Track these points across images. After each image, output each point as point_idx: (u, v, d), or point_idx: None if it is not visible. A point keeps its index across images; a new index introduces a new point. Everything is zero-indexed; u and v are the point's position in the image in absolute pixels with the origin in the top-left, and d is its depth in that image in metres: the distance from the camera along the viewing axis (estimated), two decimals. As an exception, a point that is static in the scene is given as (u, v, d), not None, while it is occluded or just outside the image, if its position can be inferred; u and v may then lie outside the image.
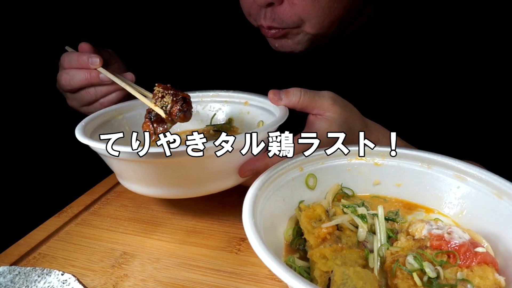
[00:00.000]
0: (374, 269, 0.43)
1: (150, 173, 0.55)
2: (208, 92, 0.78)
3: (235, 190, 0.71)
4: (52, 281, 0.44)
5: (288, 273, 0.33)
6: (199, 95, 0.78)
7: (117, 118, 0.72)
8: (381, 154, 0.55)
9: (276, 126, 0.57)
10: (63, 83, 0.73)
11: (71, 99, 0.78)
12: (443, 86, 0.77)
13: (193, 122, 0.77)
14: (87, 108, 0.77)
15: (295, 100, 0.61)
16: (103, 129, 0.68)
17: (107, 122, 0.70)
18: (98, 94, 0.73)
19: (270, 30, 0.74)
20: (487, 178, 0.48)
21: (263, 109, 0.71)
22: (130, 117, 0.74)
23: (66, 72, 0.73)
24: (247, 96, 0.74)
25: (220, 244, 0.57)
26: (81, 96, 0.74)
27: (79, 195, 0.72)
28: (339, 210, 0.50)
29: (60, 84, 0.75)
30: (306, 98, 0.61)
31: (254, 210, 0.43)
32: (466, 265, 0.41)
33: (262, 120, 0.71)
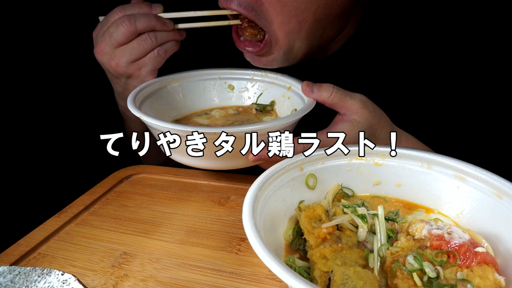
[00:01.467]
0: (374, 269, 0.43)
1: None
2: (259, 71, 0.83)
3: (235, 190, 0.71)
4: (52, 281, 0.44)
5: (288, 273, 0.33)
6: (251, 73, 0.85)
7: (173, 85, 0.79)
8: (381, 154, 0.55)
9: (295, 119, 0.61)
10: (125, 25, 0.70)
11: (121, 54, 0.73)
12: (442, 86, 0.77)
13: (241, 98, 0.85)
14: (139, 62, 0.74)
15: (325, 96, 0.61)
16: (157, 94, 0.75)
17: (163, 88, 0.77)
18: (159, 40, 0.73)
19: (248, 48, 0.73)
20: (487, 178, 0.48)
21: (301, 98, 0.74)
22: (187, 86, 0.81)
23: (127, 16, 0.70)
24: (291, 82, 0.79)
25: (220, 244, 0.57)
26: (137, 44, 0.72)
27: (79, 195, 0.72)
28: (339, 210, 0.50)
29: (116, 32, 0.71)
30: (337, 95, 0.61)
31: (254, 210, 0.43)
32: (466, 265, 0.41)
33: (296, 109, 0.74)
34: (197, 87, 0.83)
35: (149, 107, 0.73)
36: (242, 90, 0.85)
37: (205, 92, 0.84)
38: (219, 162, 0.64)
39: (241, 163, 0.65)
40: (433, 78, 0.77)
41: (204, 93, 0.84)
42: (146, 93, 0.73)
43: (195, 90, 0.83)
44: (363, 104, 0.61)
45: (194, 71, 0.83)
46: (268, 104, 0.83)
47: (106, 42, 0.73)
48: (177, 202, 0.69)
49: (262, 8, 0.67)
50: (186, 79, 0.82)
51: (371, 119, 0.62)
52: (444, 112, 0.77)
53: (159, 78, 0.77)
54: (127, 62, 0.73)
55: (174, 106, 0.79)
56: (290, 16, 0.66)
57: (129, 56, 0.73)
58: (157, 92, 0.76)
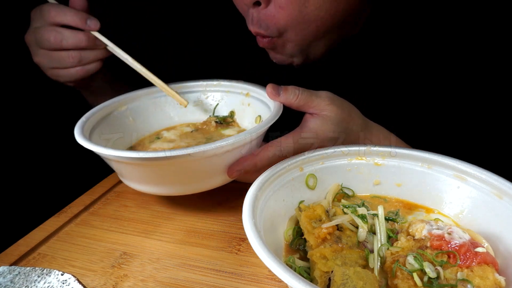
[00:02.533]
0: (374, 269, 0.43)
1: (146, 173, 0.57)
2: (212, 81, 0.79)
3: (235, 190, 0.71)
4: (52, 281, 0.44)
5: (288, 273, 0.33)
6: (203, 84, 0.79)
7: (121, 110, 0.72)
8: (381, 154, 0.55)
9: (266, 127, 0.58)
10: (51, 41, 0.66)
11: (43, 56, 0.70)
12: (443, 86, 0.77)
13: (196, 112, 0.79)
14: (57, 72, 0.71)
15: (292, 98, 0.61)
16: (106, 121, 0.68)
17: (110, 114, 0.70)
18: (82, 61, 0.69)
19: (262, 39, 0.72)
20: (487, 178, 0.48)
21: (263, 103, 0.71)
22: (133, 108, 0.74)
23: (56, 30, 0.66)
24: (248, 87, 0.75)
25: (220, 244, 0.57)
26: (60, 57, 0.68)
27: (79, 195, 0.72)
28: (339, 210, 0.50)
29: (42, 40, 0.67)
30: (303, 96, 0.61)
31: (254, 210, 0.43)
32: (466, 265, 0.41)
33: (260, 115, 0.71)
34: (147, 107, 0.75)
35: (98, 138, 0.65)
36: (197, 104, 0.79)
37: (157, 112, 0.77)
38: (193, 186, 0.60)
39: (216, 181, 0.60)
40: (433, 78, 0.77)
41: (156, 113, 0.77)
42: (94, 121, 0.65)
43: (146, 111, 0.75)
44: (330, 100, 0.61)
45: (141, 90, 0.75)
46: (228, 115, 0.77)
47: (32, 38, 0.70)
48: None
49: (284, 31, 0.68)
50: (134, 100, 0.74)
51: (341, 113, 0.61)
52: (444, 112, 0.77)
53: (103, 104, 0.69)
54: (47, 66, 0.72)
55: (125, 132, 0.72)
56: (309, 23, 0.67)
57: (49, 63, 0.71)
58: (105, 120, 0.68)
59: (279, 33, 0.69)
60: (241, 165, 0.57)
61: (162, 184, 0.59)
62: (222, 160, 0.56)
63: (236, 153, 0.56)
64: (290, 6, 0.65)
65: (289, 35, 0.69)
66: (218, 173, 0.58)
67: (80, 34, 0.67)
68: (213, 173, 0.58)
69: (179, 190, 0.60)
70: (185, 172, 0.56)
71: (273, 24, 0.68)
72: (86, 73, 0.71)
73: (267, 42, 0.72)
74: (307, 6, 0.65)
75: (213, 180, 0.60)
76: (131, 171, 0.58)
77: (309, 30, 0.68)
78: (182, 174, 0.57)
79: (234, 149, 0.55)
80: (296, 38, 0.70)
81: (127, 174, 0.60)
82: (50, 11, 0.66)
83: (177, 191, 0.61)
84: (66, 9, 0.67)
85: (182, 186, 0.59)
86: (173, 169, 0.55)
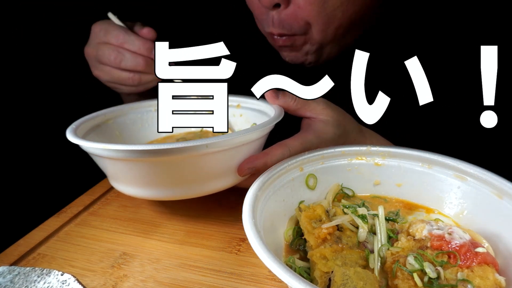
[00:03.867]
0: (375, 269, 0.43)
1: (146, 173, 0.53)
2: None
3: (235, 190, 0.71)
4: (51, 281, 0.44)
5: (288, 274, 0.33)
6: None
7: (107, 123, 0.71)
8: (381, 154, 0.55)
9: (273, 123, 0.57)
10: (111, 60, 0.69)
11: (104, 72, 0.73)
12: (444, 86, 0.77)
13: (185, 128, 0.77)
14: (116, 86, 0.75)
15: (290, 101, 0.62)
16: (94, 133, 0.67)
17: (97, 126, 0.69)
18: (142, 82, 0.72)
19: (280, 37, 0.72)
20: (487, 178, 0.48)
21: (257, 111, 0.71)
22: (120, 122, 0.73)
23: (118, 51, 0.69)
24: (238, 99, 0.74)
25: (220, 245, 0.57)
26: (119, 76, 0.72)
27: (79, 195, 0.72)
28: (340, 210, 0.50)
29: (102, 57, 0.70)
30: (300, 100, 0.62)
31: (254, 210, 0.43)
32: (467, 266, 0.41)
33: (255, 123, 0.71)
34: (134, 121, 0.74)
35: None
36: None
37: (144, 127, 0.75)
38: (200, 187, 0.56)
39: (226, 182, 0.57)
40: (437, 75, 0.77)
41: (143, 128, 0.75)
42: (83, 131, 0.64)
43: (133, 125, 0.74)
44: (326, 104, 0.62)
45: (127, 105, 0.74)
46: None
47: (93, 52, 0.73)
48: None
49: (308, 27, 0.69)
50: (120, 115, 0.73)
51: (337, 116, 0.63)
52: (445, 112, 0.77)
53: (93, 115, 0.68)
54: (106, 80, 0.75)
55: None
56: (328, 24, 0.68)
57: (108, 78, 0.74)
58: (94, 130, 0.67)
59: (304, 31, 0.70)
60: (252, 163, 0.56)
61: (167, 186, 0.55)
62: (234, 155, 0.55)
63: (249, 148, 0.55)
64: (309, 7, 0.66)
65: (312, 32, 0.70)
66: (228, 173, 0.56)
67: (139, 58, 0.69)
68: (223, 172, 0.56)
69: (184, 192, 0.57)
70: (193, 170, 0.53)
71: (296, 22, 0.69)
72: (144, 89, 0.75)
73: (287, 40, 0.72)
74: (326, 7, 0.66)
75: (222, 181, 0.57)
76: (130, 171, 0.54)
77: (331, 28, 0.69)
78: (190, 173, 0.53)
79: (249, 142, 0.54)
80: (318, 36, 0.71)
81: (124, 176, 0.56)
82: (119, 36, 0.69)
83: (181, 194, 0.57)
84: (134, 37, 0.70)
85: (188, 187, 0.56)
86: (182, 166, 0.52)
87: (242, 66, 0.92)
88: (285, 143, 0.58)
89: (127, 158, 0.51)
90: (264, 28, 0.74)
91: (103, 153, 0.52)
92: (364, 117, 0.49)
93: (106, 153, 0.51)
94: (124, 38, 0.69)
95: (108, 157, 0.53)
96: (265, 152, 0.56)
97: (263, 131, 0.56)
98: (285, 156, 0.56)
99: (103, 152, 0.51)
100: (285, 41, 0.73)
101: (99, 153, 0.53)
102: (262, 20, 0.74)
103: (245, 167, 0.56)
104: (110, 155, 0.52)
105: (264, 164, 0.55)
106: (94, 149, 0.52)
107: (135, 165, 0.53)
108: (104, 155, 0.52)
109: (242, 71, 0.91)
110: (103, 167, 0.59)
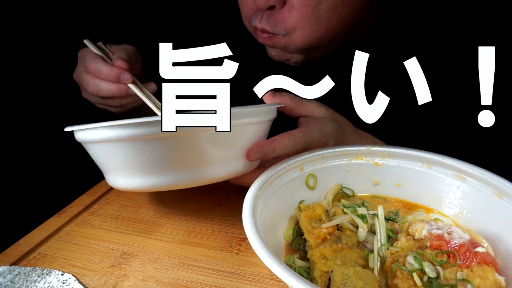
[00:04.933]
0: (374, 269, 0.43)
1: (142, 155, 0.50)
2: None
3: (235, 190, 0.71)
4: (52, 281, 0.44)
5: (288, 273, 0.33)
6: None
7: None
8: (381, 154, 0.55)
9: (277, 106, 0.59)
10: (89, 91, 0.73)
11: (89, 96, 0.78)
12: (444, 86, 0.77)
13: None
14: (104, 107, 0.78)
15: (286, 99, 0.63)
16: None
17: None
18: (123, 104, 0.75)
19: (262, 34, 0.73)
20: (487, 178, 0.48)
21: None
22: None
23: (93, 83, 0.73)
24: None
25: (220, 244, 0.57)
26: (104, 102, 0.76)
27: (79, 195, 0.72)
28: (339, 210, 0.50)
29: (83, 85, 0.75)
30: (296, 99, 0.63)
31: (254, 210, 0.43)
32: (466, 265, 0.41)
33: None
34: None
35: None
36: None
37: None
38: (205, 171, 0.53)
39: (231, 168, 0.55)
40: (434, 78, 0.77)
41: None
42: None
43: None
44: (319, 104, 0.64)
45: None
46: None
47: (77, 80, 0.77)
48: (177, 202, 0.69)
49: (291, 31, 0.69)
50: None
51: (332, 114, 0.64)
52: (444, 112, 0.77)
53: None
54: (93, 102, 0.78)
55: None
56: (320, 26, 0.68)
57: (94, 101, 0.78)
58: None
59: (285, 33, 0.70)
60: (261, 147, 0.55)
61: (169, 169, 0.51)
62: (240, 136, 0.53)
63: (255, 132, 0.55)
64: (303, 8, 0.66)
65: (295, 36, 0.70)
66: (234, 157, 0.54)
67: (114, 86, 0.72)
68: (228, 156, 0.53)
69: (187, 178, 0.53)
70: (198, 150, 0.50)
71: (281, 23, 0.69)
72: (131, 108, 0.77)
73: (267, 38, 0.72)
74: (320, 9, 0.66)
75: (227, 166, 0.54)
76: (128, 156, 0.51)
77: (318, 34, 0.69)
78: (194, 153, 0.50)
79: (256, 123, 0.55)
80: (300, 41, 0.71)
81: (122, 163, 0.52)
82: (91, 65, 0.72)
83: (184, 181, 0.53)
84: (102, 66, 0.72)
85: (192, 171, 0.52)
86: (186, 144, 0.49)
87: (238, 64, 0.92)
88: (291, 132, 0.58)
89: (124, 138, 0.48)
90: (251, 22, 0.74)
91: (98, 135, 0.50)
92: (364, 116, 0.49)
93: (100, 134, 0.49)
94: (94, 67, 0.72)
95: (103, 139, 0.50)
96: (273, 139, 0.56)
97: (269, 110, 0.57)
98: (291, 146, 0.56)
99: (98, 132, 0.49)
100: (265, 39, 0.73)
101: (94, 137, 0.51)
102: (249, 15, 0.74)
103: (254, 151, 0.55)
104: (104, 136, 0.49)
105: (273, 149, 0.55)
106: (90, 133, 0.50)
107: (134, 144, 0.49)
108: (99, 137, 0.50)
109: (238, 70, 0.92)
110: (99, 159, 0.56)
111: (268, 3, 0.67)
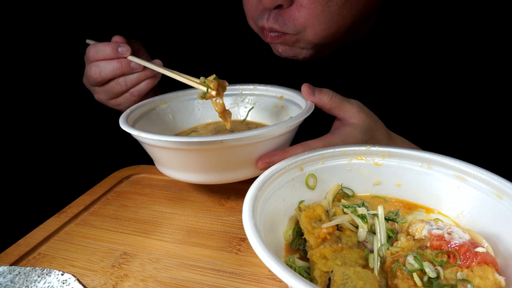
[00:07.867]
0: (374, 269, 0.43)
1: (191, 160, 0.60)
2: (247, 85, 0.83)
3: (235, 190, 0.71)
4: (52, 281, 0.44)
5: (288, 273, 0.33)
6: (239, 88, 0.84)
7: (162, 107, 0.78)
8: (381, 154, 0.55)
9: (298, 121, 0.61)
10: (92, 76, 0.72)
11: (99, 92, 0.77)
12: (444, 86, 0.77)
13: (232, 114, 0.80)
14: (116, 100, 0.77)
15: (326, 99, 0.63)
16: (148, 116, 0.74)
17: (152, 110, 0.76)
18: (129, 84, 0.74)
19: (270, 33, 0.72)
20: (487, 178, 0.48)
21: (296, 105, 0.73)
22: (175, 106, 0.80)
23: (94, 65, 0.71)
24: (282, 91, 0.78)
25: (220, 244, 0.57)
26: (110, 87, 0.74)
27: (79, 195, 0.72)
28: (339, 210, 0.50)
29: (89, 78, 0.74)
30: (336, 99, 0.63)
31: (254, 210, 0.43)
32: (466, 265, 0.41)
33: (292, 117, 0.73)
34: (186, 107, 0.82)
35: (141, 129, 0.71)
36: (232, 106, 0.83)
37: (195, 112, 0.83)
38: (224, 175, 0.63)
39: (245, 173, 0.63)
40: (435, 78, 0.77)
41: (193, 112, 0.83)
42: (137, 115, 0.72)
43: (184, 110, 0.82)
44: (360, 108, 0.63)
45: (181, 91, 0.81)
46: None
47: (85, 80, 0.77)
48: (177, 202, 0.69)
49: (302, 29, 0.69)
50: (174, 100, 0.81)
51: (369, 122, 0.63)
52: (445, 112, 0.77)
53: (147, 100, 0.76)
54: (106, 99, 0.78)
55: (165, 127, 0.79)
56: (332, 23, 0.68)
57: (106, 96, 0.77)
58: (147, 114, 0.75)
59: (296, 31, 0.70)
60: (271, 158, 0.58)
61: (199, 171, 0.62)
62: (256, 149, 0.60)
63: (268, 145, 0.60)
64: (312, 6, 0.65)
65: (306, 34, 0.70)
66: (249, 164, 0.61)
67: (113, 62, 0.71)
68: (245, 163, 0.61)
69: (212, 178, 0.63)
70: (222, 159, 0.59)
71: (291, 21, 0.68)
72: (139, 94, 0.76)
73: (275, 37, 0.72)
74: (331, 5, 0.65)
75: (243, 172, 0.62)
76: (172, 158, 0.61)
77: (330, 30, 0.69)
78: (219, 162, 0.60)
79: (267, 139, 0.59)
80: (312, 38, 0.70)
81: (167, 162, 0.63)
82: (90, 51, 0.72)
83: (209, 179, 0.63)
84: (99, 45, 0.72)
85: (215, 174, 0.62)
86: (213, 156, 0.59)
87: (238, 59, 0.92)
88: (308, 143, 0.59)
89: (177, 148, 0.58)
90: (257, 22, 0.73)
91: (155, 143, 0.59)
92: None
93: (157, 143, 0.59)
94: (93, 51, 0.72)
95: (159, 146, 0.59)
96: (286, 150, 0.59)
97: (287, 127, 0.60)
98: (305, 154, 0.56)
99: (154, 142, 0.59)
100: (273, 38, 0.73)
101: (150, 143, 0.60)
102: (255, 16, 0.74)
103: (264, 161, 0.59)
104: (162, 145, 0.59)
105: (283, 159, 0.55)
106: (146, 139, 0.59)
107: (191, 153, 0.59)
108: (156, 144, 0.59)
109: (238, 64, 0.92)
110: (151, 153, 0.65)
111: (275, 2, 0.66)
